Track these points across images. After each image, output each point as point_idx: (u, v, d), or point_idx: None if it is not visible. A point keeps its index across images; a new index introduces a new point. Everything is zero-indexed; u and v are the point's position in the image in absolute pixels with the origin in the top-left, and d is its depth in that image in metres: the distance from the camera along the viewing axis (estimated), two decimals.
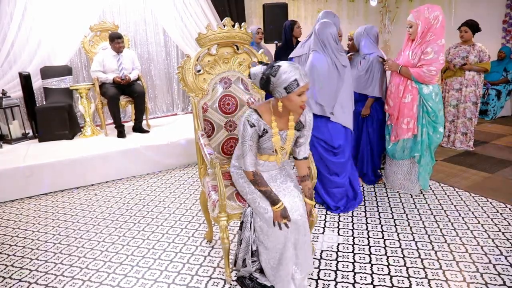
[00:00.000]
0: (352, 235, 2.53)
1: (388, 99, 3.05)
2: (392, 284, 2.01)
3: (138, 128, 4.57)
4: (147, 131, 4.54)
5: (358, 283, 2.03)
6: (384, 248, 2.36)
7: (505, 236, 2.44)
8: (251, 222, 1.86)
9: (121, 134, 4.42)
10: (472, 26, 4.07)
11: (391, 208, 2.91)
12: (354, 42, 3.29)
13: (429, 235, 2.49)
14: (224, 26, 2.24)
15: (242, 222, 1.90)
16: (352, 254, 2.31)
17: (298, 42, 4.25)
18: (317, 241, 2.47)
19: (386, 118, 3.16)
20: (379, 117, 3.23)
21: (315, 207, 2.10)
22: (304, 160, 1.95)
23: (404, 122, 2.92)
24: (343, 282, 2.04)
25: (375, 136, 3.26)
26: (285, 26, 4.15)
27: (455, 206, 2.91)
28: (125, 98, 4.50)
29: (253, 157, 1.80)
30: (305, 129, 1.89)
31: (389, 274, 2.10)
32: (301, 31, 4.20)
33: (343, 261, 2.24)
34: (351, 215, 2.82)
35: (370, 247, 2.38)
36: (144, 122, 4.94)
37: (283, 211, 1.75)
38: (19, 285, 2.14)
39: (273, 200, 1.77)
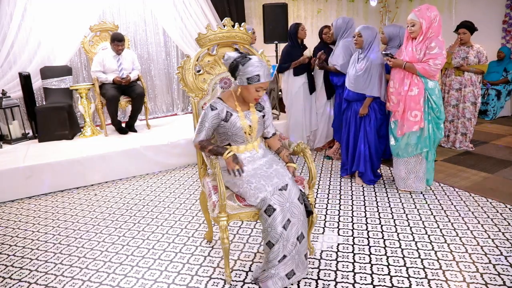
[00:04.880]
0: (352, 235, 2.53)
1: (390, 96, 3.07)
2: (392, 284, 2.01)
3: (129, 126, 4.60)
4: (135, 131, 4.57)
5: (358, 283, 2.03)
6: (384, 248, 2.36)
7: (505, 236, 2.44)
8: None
9: (121, 130, 4.44)
10: (470, 27, 4.08)
11: (391, 208, 2.91)
12: (363, 40, 3.23)
13: (429, 235, 2.49)
14: (224, 26, 2.24)
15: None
16: (352, 254, 2.31)
17: (303, 43, 4.25)
18: (317, 241, 2.47)
19: (388, 116, 3.18)
20: (376, 116, 3.24)
21: (315, 207, 2.10)
22: (273, 137, 2.20)
23: (412, 115, 2.96)
24: (343, 282, 2.04)
25: (372, 135, 3.26)
26: (290, 28, 4.20)
27: (455, 206, 2.91)
28: (125, 99, 4.50)
29: (204, 137, 2.00)
30: (265, 110, 2.12)
31: (389, 274, 2.10)
32: (305, 32, 4.21)
33: (343, 261, 2.24)
34: (351, 215, 2.82)
35: (370, 247, 2.38)
36: (144, 122, 4.96)
37: (234, 157, 1.88)
38: (19, 285, 2.14)
39: (222, 151, 1.93)
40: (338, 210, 2.91)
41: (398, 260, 2.22)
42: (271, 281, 1.92)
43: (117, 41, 4.33)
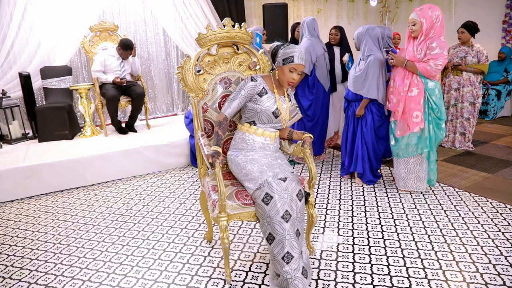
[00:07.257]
0: (352, 235, 2.53)
1: (390, 96, 3.06)
2: (392, 284, 2.01)
3: (129, 126, 4.60)
4: (135, 131, 4.57)
5: (358, 283, 2.03)
6: (384, 248, 2.36)
7: (505, 236, 2.44)
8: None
9: (121, 130, 4.44)
10: (469, 27, 4.08)
11: (391, 208, 2.91)
12: (355, 42, 3.27)
13: (429, 235, 2.49)
14: (224, 26, 2.24)
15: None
16: (352, 254, 2.31)
17: None
18: (317, 241, 2.47)
19: (388, 118, 3.17)
20: (373, 118, 3.23)
21: (314, 207, 2.10)
22: (285, 128, 2.28)
23: (414, 115, 2.95)
24: (343, 282, 2.04)
25: (369, 136, 3.26)
26: (291, 28, 4.18)
27: (455, 206, 2.91)
28: (125, 99, 4.50)
29: (234, 108, 2.09)
30: (291, 102, 2.23)
31: (389, 274, 2.10)
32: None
33: (343, 261, 2.24)
34: (351, 215, 2.82)
35: (370, 247, 2.38)
36: (144, 122, 4.97)
37: (216, 153, 1.93)
38: (19, 285, 2.14)
39: (215, 143, 2.03)
40: (338, 210, 2.91)
41: (398, 260, 2.22)
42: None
43: (129, 49, 4.36)
